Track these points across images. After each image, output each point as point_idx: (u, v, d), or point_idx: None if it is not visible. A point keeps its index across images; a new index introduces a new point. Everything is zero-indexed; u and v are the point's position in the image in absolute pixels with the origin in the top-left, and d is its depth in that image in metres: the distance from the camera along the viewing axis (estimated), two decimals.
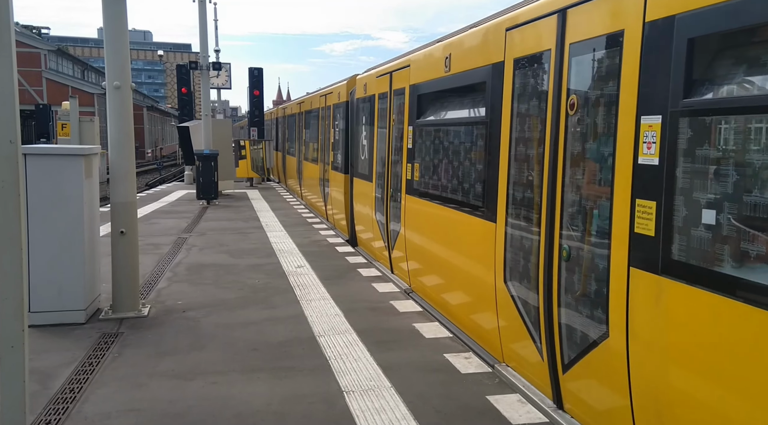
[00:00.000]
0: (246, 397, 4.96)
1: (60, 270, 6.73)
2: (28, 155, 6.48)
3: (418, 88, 7.79)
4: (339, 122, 13.19)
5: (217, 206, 18.30)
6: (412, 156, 7.92)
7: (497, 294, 5.51)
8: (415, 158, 7.82)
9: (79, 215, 6.79)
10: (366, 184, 10.49)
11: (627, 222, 3.68)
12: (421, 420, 4.56)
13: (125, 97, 7.07)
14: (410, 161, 8.01)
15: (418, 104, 7.79)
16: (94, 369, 5.53)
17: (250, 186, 25.38)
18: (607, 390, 3.99)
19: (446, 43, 7.08)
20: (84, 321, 6.84)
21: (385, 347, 6.13)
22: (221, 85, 28.01)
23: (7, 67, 3.37)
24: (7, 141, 3.38)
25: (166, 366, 5.65)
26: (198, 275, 9.21)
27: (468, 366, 5.64)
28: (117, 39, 7.01)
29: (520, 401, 4.90)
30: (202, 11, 20.91)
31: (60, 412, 4.67)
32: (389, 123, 9.06)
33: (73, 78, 54.73)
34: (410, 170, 8.00)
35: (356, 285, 8.69)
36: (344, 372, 5.48)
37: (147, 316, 7.16)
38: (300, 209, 17.75)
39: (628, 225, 3.67)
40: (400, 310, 7.43)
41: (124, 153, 7.13)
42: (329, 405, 4.81)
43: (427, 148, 7.53)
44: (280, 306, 7.59)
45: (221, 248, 11.38)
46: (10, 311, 3.44)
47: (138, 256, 7.46)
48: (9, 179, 3.39)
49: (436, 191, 7.20)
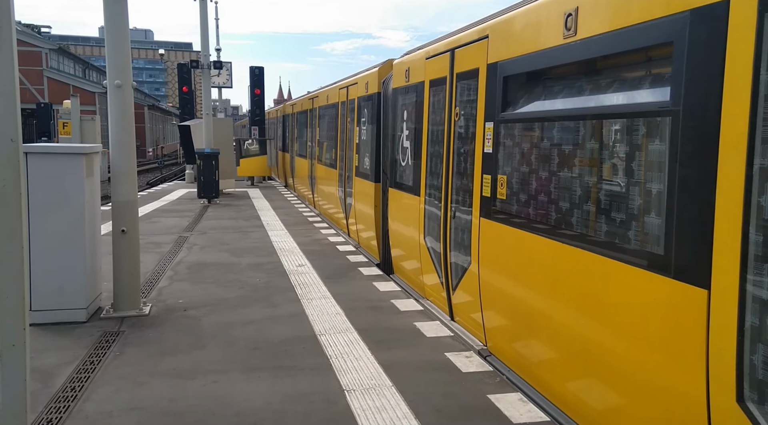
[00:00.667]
0: (247, 396, 4.96)
1: (61, 269, 6.73)
2: (29, 154, 6.49)
3: (506, 67, 5.50)
4: (366, 119, 10.92)
5: (218, 204, 18.30)
6: (493, 164, 5.66)
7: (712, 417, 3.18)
8: (499, 167, 5.56)
9: (80, 214, 6.79)
10: (409, 198, 8.22)
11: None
12: (422, 419, 4.56)
13: (126, 96, 7.07)
14: (489, 171, 5.76)
15: (504, 90, 5.51)
16: (95, 368, 5.53)
17: (251, 185, 25.40)
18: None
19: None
20: (85, 320, 6.85)
21: (386, 346, 6.13)
22: (222, 84, 28.04)
23: (8, 66, 3.36)
24: (8, 140, 3.38)
25: (167, 364, 5.65)
26: (199, 274, 9.21)
27: (469, 365, 5.63)
28: (118, 38, 7.01)
29: (521, 400, 4.89)
30: (203, 10, 20.91)
31: (61, 411, 4.68)
32: (450, 118, 6.77)
33: (75, 77, 54.78)
34: (489, 183, 5.73)
35: (357, 284, 8.68)
36: (345, 370, 5.48)
37: (148, 315, 7.16)
38: (301, 208, 17.74)
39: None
40: (401, 309, 7.42)
41: (125, 152, 7.13)
42: (330, 404, 4.81)
43: (524, 153, 5.23)
44: (280, 305, 7.59)
45: (222, 247, 11.38)
46: (11, 310, 3.44)
47: (139, 255, 7.46)
48: (10, 178, 3.39)
49: (547, 220, 4.82)
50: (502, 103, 5.53)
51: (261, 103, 27.45)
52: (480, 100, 5.96)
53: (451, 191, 6.74)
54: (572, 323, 4.44)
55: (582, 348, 4.32)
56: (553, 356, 4.77)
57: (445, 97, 6.95)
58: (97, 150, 7.51)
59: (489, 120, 5.75)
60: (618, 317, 3.92)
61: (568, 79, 4.83)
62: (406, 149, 8.49)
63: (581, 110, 4.50)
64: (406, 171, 8.47)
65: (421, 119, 7.79)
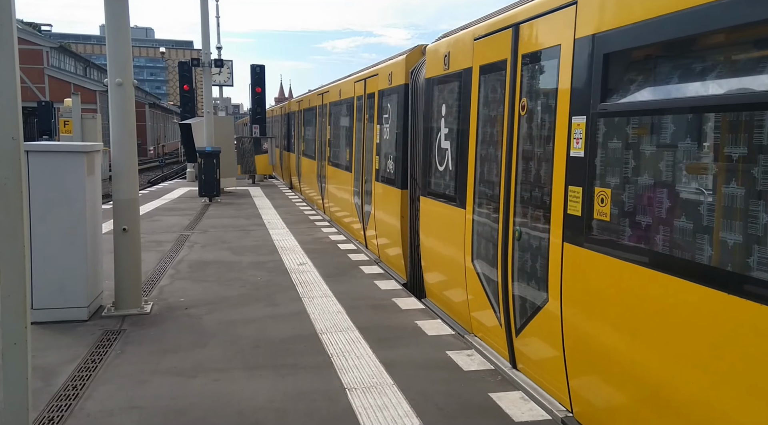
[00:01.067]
0: (248, 394, 4.96)
1: (62, 267, 6.73)
2: (31, 152, 6.49)
3: (609, 41, 3.99)
4: (390, 115, 9.61)
5: (219, 203, 18.30)
6: (586, 172, 4.16)
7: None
8: (598, 177, 4.08)
9: (81, 212, 6.79)
10: (450, 209, 6.78)
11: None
12: (424, 417, 4.56)
13: (127, 94, 7.07)
14: (578, 182, 4.23)
15: (605, 73, 4.05)
16: (97, 366, 5.54)
17: (252, 183, 25.41)
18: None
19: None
20: (86, 318, 6.85)
21: (387, 344, 6.12)
22: (223, 82, 27.93)
23: (9, 64, 3.36)
24: (9, 138, 3.37)
25: (169, 363, 5.65)
26: (200, 273, 9.21)
27: (470, 363, 5.63)
28: (119, 36, 7.00)
29: (522, 398, 4.89)
30: (204, 8, 20.90)
31: (63, 409, 4.68)
32: (511, 113, 5.28)
33: (75, 75, 54.79)
34: (580, 198, 4.21)
35: (358, 283, 8.68)
36: (346, 369, 5.48)
37: (149, 313, 7.17)
38: (302, 206, 17.74)
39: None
40: (403, 307, 7.42)
41: (126, 150, 7.12)
42: (331, 403, 4.81)
43: (646, 157, 3.73)
44: (282, 304, 7.59)
45: (223, 246, 11.39)
46: (12, 308, 3.44)
47: (140, 253, 7.46)
48: (11, 176, 3.38)
49: (690, 254, 3.34)
50: (602, 91, 4.06)
51: (262, 101, 27.39)
52: (563, 88, 4.49)
53: (515, 204, 5.23)
54: (742, 410, 2.94)
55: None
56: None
57: (503, 86, 5.49)
58: (98, 148, 7.51)
59: (579, 114, 4.27)
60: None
61: (723, 51, 3.30)
62: (446, 150, 6.99)
63: (747, 96, 3.05)
64: (446, 177, 6.99)
65: (467, 113, 6.34)
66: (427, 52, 7.79)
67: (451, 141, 6.82)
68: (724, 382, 3.01)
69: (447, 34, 7.30)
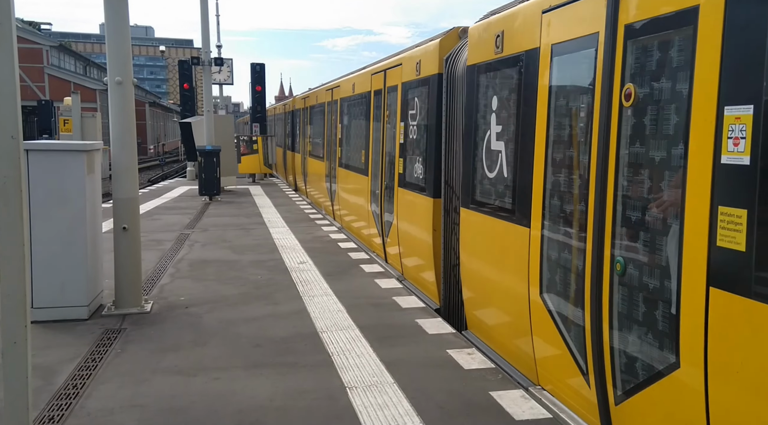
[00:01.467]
0: (248, 393, 4.96)
1: (62, 266, 6.73)
2: (30, 151, 6.48)
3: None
4: (419, 111, 8.25)
5: (220, 202, 18.30)
6: (761, 189, 2.84)
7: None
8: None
9: (81, 211, 6.79)
10: (506, 227, 5.47)
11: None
12: (424, 416, 4.56)
13: (127, 93, 7.06)
14: (739, 203, 2.95)
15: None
16: (97, 365, 5.54)
17: (253, 182, 25.41)
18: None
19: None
20: (87, 317, 6.85)
21: (387, 343, 6.12)
22: (223, 80, 27.92)
23: (8, 63, 3.35)
24: (8, 137, 3.37)
25: (169, 361, 5.65)
26: (200, 271, 9.21)
27: (471, 361, 5.63)
28: (118, 35, 6.99)
29: (523, 397, 4.89)
30: (204, 7, 20.89)
31: (63, 408, 4.68)
32: (606, 104, 3.93)
33: (75, 74, 54.79)
34: (744, 226, 2.91)
35: (359, 281, 8.68)
36: (347, 368, 5.48)
37: (150, 312, 7.16)
38: (302, 205, 17.74)
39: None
40: (403, 306, 7.42)
41: (126, 149, 7.12)
42: (332, 401, 4.81)
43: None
44: (282, 302, 7.58)
45: (224, 244, 11.38)
46: (12, 307, 3.43)
47: (140, 252, 7.46)
48: (11, 175, 3.38)
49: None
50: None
51: (262, 100, 27.42)
52: (703, 70, 3.18)
53: (613, 226, 3.92)
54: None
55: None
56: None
57: (593, 70, 4.16)
58: (98, 147, 7.50)
59: (739, 102, 2.96)
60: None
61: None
62: (498, 153, 5.71)
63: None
64: (498, 185, 5.73)
65: (532, 107, 5.03)
66: (470, 33, 6.46)
67: (507, 141, 5.55)
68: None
69: (495, 11, 6.05)
